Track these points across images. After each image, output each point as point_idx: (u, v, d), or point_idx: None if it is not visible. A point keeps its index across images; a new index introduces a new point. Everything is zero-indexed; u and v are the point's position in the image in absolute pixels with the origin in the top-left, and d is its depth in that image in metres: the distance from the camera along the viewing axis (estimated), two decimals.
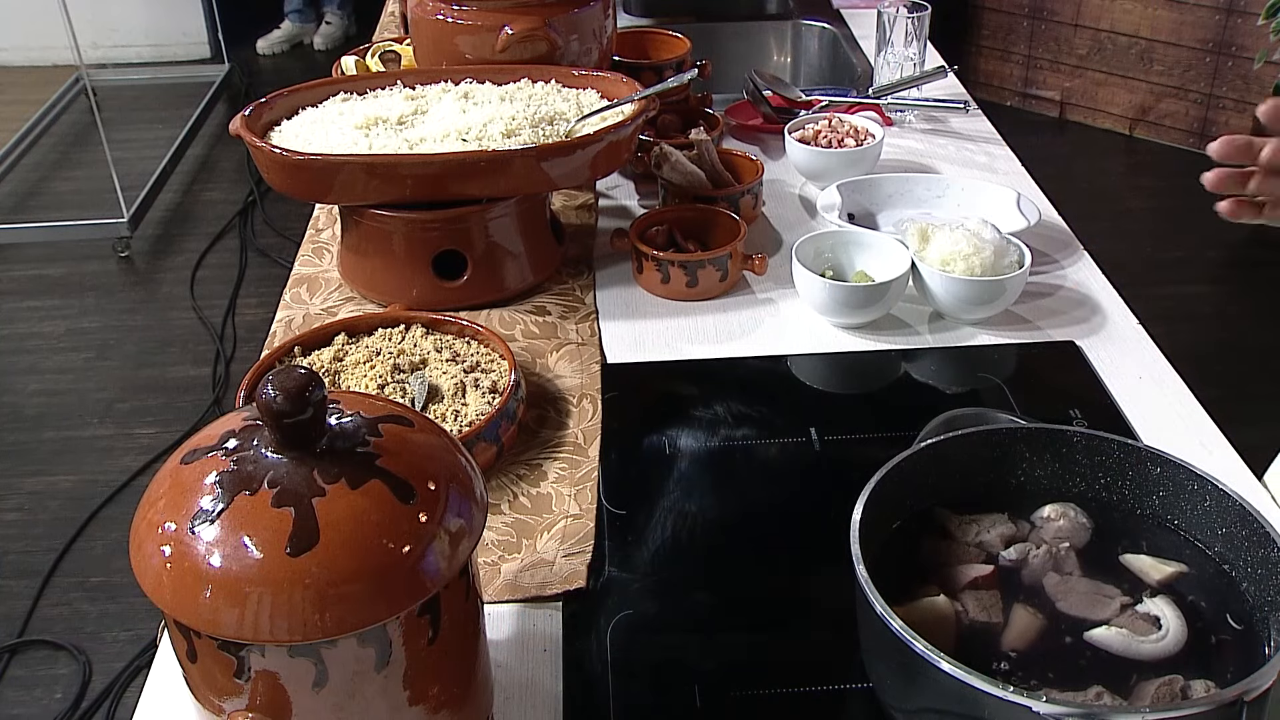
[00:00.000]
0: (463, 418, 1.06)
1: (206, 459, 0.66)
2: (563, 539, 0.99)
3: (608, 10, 1.52)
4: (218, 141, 4.17)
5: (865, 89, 1.82)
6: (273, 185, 1.28)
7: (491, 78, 1.43)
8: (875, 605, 0.73)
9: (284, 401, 0.64)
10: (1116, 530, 0.86)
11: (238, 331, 3.12)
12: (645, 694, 0.87)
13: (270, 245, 3.49)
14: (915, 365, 1.23)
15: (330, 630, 0.62)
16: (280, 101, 1.37)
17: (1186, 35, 3.85)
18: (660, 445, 1.11)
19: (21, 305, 3.26)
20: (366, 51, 1.73)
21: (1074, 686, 0.74)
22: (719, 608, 0.95)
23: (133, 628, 2.21)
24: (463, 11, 1.43)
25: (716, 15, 2.29)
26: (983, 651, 0.77)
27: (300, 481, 0.64)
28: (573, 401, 1.17)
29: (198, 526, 0.63)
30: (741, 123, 1.75)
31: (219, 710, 0.68)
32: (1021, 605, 0.81)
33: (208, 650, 0.65)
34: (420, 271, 1.30)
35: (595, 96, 1.40)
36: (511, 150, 1.25)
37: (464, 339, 1.18)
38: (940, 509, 0.88)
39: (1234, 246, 3.46)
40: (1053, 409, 1.18)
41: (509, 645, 0.91)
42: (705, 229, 1.40)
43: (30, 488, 2.58)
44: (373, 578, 0.63)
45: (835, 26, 2.21)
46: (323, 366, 1.13)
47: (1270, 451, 1.21)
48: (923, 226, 1.29)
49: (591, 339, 1.27)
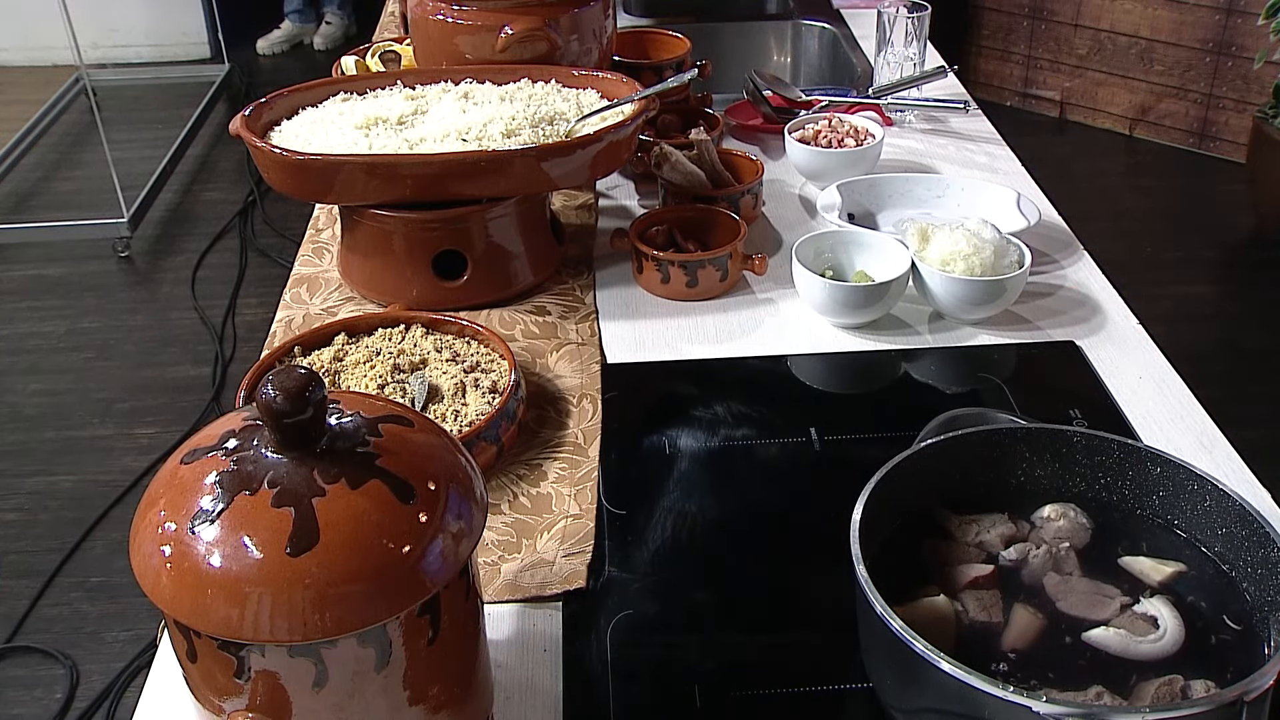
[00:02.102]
0: (463, 418, 1.06)
1: (206, 459, 0.66)
2: (563, 539, 0.99)
3: (608, 10, 1.52)
4: (218, 141, 4.17)
5: (865, 89, 1.82)
6: (273, 185, 1.28)
7: (491, 78, 1.43)
8: (875, 605, 0.73)
9: (284, 401, 0.64)
10: (1116, 530, 0.86)
11: (238, 331, 3.12)
12: (645, 694, 0.87)
13: (270, 245, 3.49)
14: (915, 365, 1.23)
15: (330, 630, 0.62)
16: (280, 101, 1.37)
17: (1186, 35, 3.85)
18: (660, 445, 1.11)
19: (21, 305, 3.25)
20: (366, 51, 1.73)
21: (1074, 686, 0.74)
22: (719, 608, 0.95)
23: (133, 628, 2.21)
24: (462, 11, 1.43)
25: (716, 15, 2.29)
26: (983, 651, 0.78)
27: (300, 481, 0.64)
28: (573, 401, 1.17)
29: (198, 526, 0.63)
30: (741, 123, 1.74)
31: (219, 710, 0.68)
32: (1022, 605, 0.81)
33: (208, 650, 0.65)
34: (420, 271, 1.30)
35: (595, 96, 1.40)
36: (511, 150, 1.25)
37: (464, 339, 1.18)
38: (941, 509, 0.88)
39: (1234, 247, 3.46)
40: (1053, 409, 1.18)
41: (509, 645, 0.91)
42: (705, 229, 1.40)
43: (30, 488, 2.58)
44: (372, 578, 0.63)
45: (835, 26, 2.21)
46: (323, 366, 1.13)
47: (1270, 451, 1.21)
48: (923, 226, 1.29)
49: (591, 339, 1.27)
